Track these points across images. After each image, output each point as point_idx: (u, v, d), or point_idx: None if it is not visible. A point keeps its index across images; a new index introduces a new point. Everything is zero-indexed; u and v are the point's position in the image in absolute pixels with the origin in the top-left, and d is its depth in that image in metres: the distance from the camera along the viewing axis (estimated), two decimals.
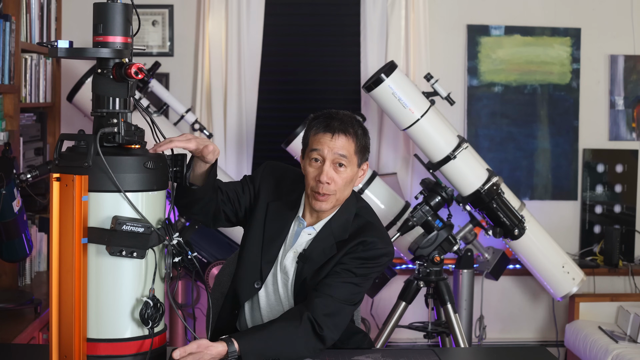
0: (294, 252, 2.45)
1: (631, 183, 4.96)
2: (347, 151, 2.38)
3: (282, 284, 2.47)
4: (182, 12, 4.70)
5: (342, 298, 2.37)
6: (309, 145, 2.42)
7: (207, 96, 4.62)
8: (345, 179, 2.39)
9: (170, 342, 4.24)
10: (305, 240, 2.44)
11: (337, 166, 2.38)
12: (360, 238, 2.40)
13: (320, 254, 2.42)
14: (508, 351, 2.87)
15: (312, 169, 2.40)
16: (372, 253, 2.41)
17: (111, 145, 2.03)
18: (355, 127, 2.41)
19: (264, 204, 2.49)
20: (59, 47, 2.02)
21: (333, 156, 2.37)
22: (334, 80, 4.88)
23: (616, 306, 4.57)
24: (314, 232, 2.44)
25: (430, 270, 3.81)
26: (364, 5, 4.66)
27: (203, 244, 4.05)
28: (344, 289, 2.38)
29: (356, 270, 2.39)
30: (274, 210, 2.47)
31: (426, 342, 4.25)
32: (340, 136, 2.37)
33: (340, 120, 2.40)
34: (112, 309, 2.01)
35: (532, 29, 4.85)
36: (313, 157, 2.39)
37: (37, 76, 4.06)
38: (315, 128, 2.41)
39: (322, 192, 2.37)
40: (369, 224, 2.46)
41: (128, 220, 1.96)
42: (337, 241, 2.42)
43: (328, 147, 2.37)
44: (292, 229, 2.47)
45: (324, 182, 2.36)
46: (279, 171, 2.57)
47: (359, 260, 2.40)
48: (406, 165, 4.69)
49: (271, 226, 2.46)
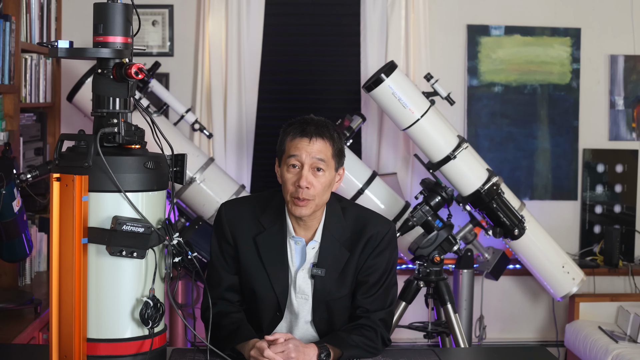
0: (304, 270, 2.45)
1: (631, 183, 4.96)
2: (324, 155, 2.38)
3: (301, 305, 2.47)
4: (182, 12, 4.70)
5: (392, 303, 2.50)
6: (285, 152, 2.41)
7: (207, 96, 4.62)
8: (323, 183, 2.38)
9: (170, 342, 4.24)
10: (312, 255, 2.45)
11: (315, 171, 2.38)
12: (366, 234, 2.45)
13: (333, 261, 2.44)
14: (508, 351, 2.87)
15: (290, 175, 2.39)
16: (387, 238, 2.47)
17: (111, 145, 2.03)
18: (331, 131, 2.42)
19: (248, 242, 2.45)
20: (59, 47, 2.02)
21: (311, 160, 2.37)
22: (334, 80, 4.88)
23: (616, 306, 4.57)
24: (317, 244, 2.45)
25: (430, 270, 3.81)
26: (364, 5, 4.66)
27: (203, 244, 4.04)
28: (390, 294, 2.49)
29: (387, 266, 2.47)
30: (264, 242, 2.45)
31: (426, 342, 4.25)
32: (317, 140, 2.38)
33: (316, 125, 2.40)
34: (112, 309, 2.01)
35: (532, 29, 4.85)
36: (291, 164, 2.38)
37: (37, 76, 4.06)
38: (292, 134, 2.40)
39: (301, 197, 2.35)
40: (360, 212, 2.51)
41: (128, 220, 1.96)
42: (343, 242, 2.44)
43: (306, 152, 2.36)
44: (291, 249, 2.46)
45: (303, 187, 2.35)
46: (239, 207, 2.52)
47: (383, 253, 2.46)
48: (406, 165, 4.69)
49: (269, 257, 2.44)
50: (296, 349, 2.27)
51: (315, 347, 2.32)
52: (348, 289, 2.45)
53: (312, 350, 2.30)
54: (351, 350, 2.38)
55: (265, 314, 2.48)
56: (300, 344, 2.31)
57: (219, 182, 4.07)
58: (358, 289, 2.46)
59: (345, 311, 2.48)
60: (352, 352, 2.38)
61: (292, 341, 2.29)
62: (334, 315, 2.47)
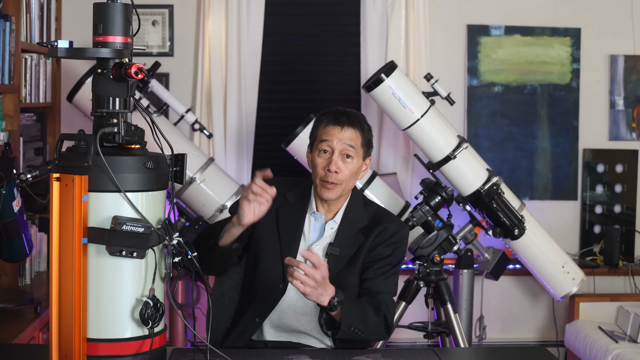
0: (318, 246, 2.55)
1: (631, 183, 4.96)
2: (354, 143, 2.53)
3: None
4: (182, 12, 4.70)
5: (392, 292, 2.58)
6: (317, 138, 2.57)
7: (207, 96, 4.62)
8: (351, 169, 2.53)
9: (170, 342, 4.24)
10: (329, 234, 2.56)
11: (344, 157, 2.53)
12: (382, 225, 2.57)
13: (348, 244, 2.54)
14: (508, 351, 2.87)
15: (321, 159, 2.54)
16: (400, 235, 2.59)
17: (111, 145, 2.03)
18: (362, 122, 2.58)
19: (271, 212, 2.48)
20: (59, 47, 2.01)
21: (342, 147, 2.52)
22: (334, 80, 4.89)
23: (616, 306, 4.57)
24: (335, 224, 2.56)
25: (430, 270, 3.81)
26: (364, 5, 4.66)
27: None
28: (391, 281, 2.58)
29: (393, 259, 2.56)
30: (285, 214, 2.58)
31: (426, 342, 4.25)
32: (348, 128, 2.53)
33: (348, 115, 2.57)
34: (112, 309, 2.01)
35: (532, 29, 4.85)
36: (322, 149, 2.53)
37: (37, 76, 4.06)
38: (325, 121, 2.56)
39: (330, 180, 2.50)
40: (381, 209, 2.66)
41: (128, 220, 1.96)
42: (360, 227, 2.57)
43: (337, 138, 2.52)
44: (309, 223, 2.57)
45: (332, 171, 2.50)
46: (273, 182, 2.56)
47: (392, 246, 2.57)
48: (406, 165, 4.69)
49: (286, 228, 2.57)
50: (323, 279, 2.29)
51: (334, 289, 2.35)
52: (357, 270, 2.55)
53: (330, 290, 2.34)
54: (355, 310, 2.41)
55: (264, 286, 2.54)
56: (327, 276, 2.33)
57: (219, 182, 4.07)
58: (363, 272, 2.56)
59: (353, 293, 2.54)
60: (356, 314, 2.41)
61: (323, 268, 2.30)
62: None
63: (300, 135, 3.94)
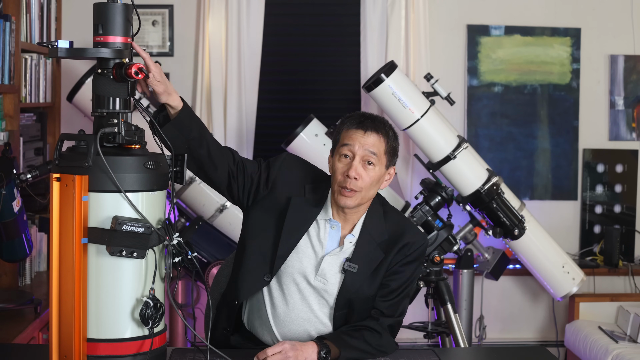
0: (333, 257, 2.44)
1: (631, 183, 4.96)
2: (377, 149, 2.40)
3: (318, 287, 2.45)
4: (182, 12, 4.70)
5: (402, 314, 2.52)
6: (339, 141, 2.43)
7: (207, 96, 4.62)
8: (372, 177, 2.40)
9: (170, 342, 4.24)
10: (348, 249, 2.45)
11: (366, 164, 2.39)
12: (403, 240, 2.46)
13: (367, 260, 2.44)
14: (508, 351, 2.87)
15: (341, 164, 2.40)
16: (420, 251, 2.49)
17: (111, 145, 2.03)
18: (387, 129, 2.44)
19: (283, 196, 2.45)
20: (59, 47, 2.02)
21: (363, 152, 2.38)
22: (334, 80, 4.88)
23: (616, 306, 4.57)
24: (354, 239, 2.45)
25: (430, 270, 3.81)
26: (364, 5, 4.66)
27: (203, 244, 4.05)
28: (404, 303, 2.51)
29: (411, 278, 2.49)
30: (297, 205, 2.44)
31: (426, 342, 4.25)
32: (372, 134, 2.40)
33: (373, 120, 2.43)
34: (112, 309, 2.01)
35: (532, 29, 4.85)
36: (343, 153, 2.40)
37: (37, 76, 4.06)
38: (348, 124, 2.43)
39: (349, 187, 2.37)
40: (402, 220, 2.53)
41: (128, 220, 1.96)
42: (379, 243, 2.45)
43: (359, 143, 2.39)
44: (324, 229, 2.45)
45: (351, 177, 2.37)
46: (301, 166, 2.54)
47: (412, 265, 2.48)
48: (406, 165, 4.69)
49: (292, 219, 2.43)
50: (293, 347, 2.27)
51: (315, 345, 2.31)
52: (375, 289, 2.46)
53: (310, 348, 2.30)
54: (350, 352, 2.37)
55: (250, 276, 2.44)
56: (296, 343, 2.30)
57: None
58: (378, 290, 2.47)
59: (366, 311, 2.47)
60: (351, 354, 2.37)
61: (287, 341, 2.28)
62: (354, 312, 2.46)
63: (300, 135, 3.94)
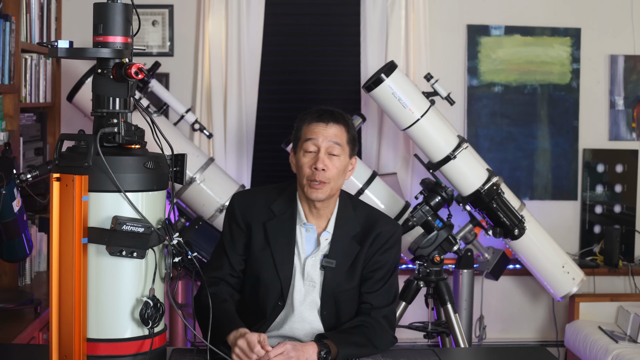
0: (313, 258, 2.49)
1: (631, 183, 4.96)
2: (340, 139, 2.48)
3: (306, 293, 2.50)
4: (182, 12, 4.70)
5: (395, 299, 2.56)
6: (301, 137, 2.51)
7: (207, 96, 4.62)
8: (338, 167, 2.46)
9: (170, 342, 4.24)
10: (324, 246, 2.50)
11: (330, 156, 2.46)
12: (375, 230, 2.52)
13: (344, 254, 2.50)
14: (508, 351, 2.87)
15: (306, 159, 2.47)
16: (394, 238, 2.55)
17: (111, 145, 2.03)
18: (346, 119, 2.53)
19: (258, 227, 2.51)
20: (59, 47, 2.01)
21: (327, 144, 2.46)
22: (334, 80, 4.88)
23: (616, 306, 4.57)
24: (329, 235, 2.51)
25: (430, 270, 3.81)
26: (364, 5, 4.66)
27: (203, 244, 4.04)
28: (393, 289, 2.55)
29: (391, 265, 2.53)
30: (274, 228, 2.51)
31: (426, 342, 4.25)
32: (333, 125, 2.48)
33: (332, 112, 2.52)
34: (112, 309, 2.01)
35: (532, 29, 4.85)
36: (307, 148, 2.47)
37: (37, 76, 4.06)
38: (309, 119, 2.51)
39: (318, 179, 2.43)
40: (371, 211, 2.59)
41: (128, 220, 1.96)
42: (353, 235, 2.51)
43: (322, 136, 2.46)
44: (300, 235, 2.51)
45: (319, 169, 2.43)
46: (252, 195, 2.60)
47: (389, 252, 2.53)
48: (406, 165, 4.69)
49: (277, 242, 2.50)
50: (294, 348, 2.28)
51: (315, 345, 2.33)
52: (357, 281, 2.51)
53: (311, 348, 2.31)
54: (350, 349, 2.39)
55: (268, 303, 2.50)
56: (297, 343, 2.32)
57: (219, 182, 4.07)
58: (363, 284, 2.52)
59: (352, 304, 2.52)
60: (351, 351, 2.39)
61: (288, 342, 2.30)
62: (342, 308, 2.51)
63: None
